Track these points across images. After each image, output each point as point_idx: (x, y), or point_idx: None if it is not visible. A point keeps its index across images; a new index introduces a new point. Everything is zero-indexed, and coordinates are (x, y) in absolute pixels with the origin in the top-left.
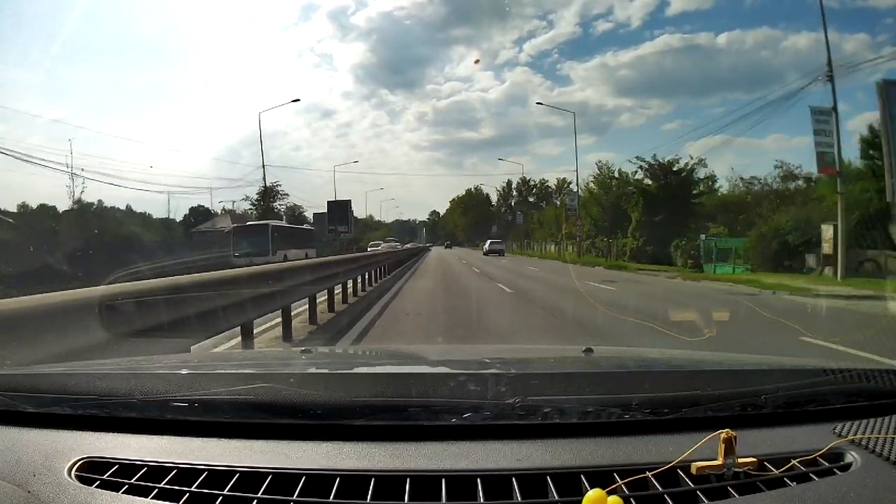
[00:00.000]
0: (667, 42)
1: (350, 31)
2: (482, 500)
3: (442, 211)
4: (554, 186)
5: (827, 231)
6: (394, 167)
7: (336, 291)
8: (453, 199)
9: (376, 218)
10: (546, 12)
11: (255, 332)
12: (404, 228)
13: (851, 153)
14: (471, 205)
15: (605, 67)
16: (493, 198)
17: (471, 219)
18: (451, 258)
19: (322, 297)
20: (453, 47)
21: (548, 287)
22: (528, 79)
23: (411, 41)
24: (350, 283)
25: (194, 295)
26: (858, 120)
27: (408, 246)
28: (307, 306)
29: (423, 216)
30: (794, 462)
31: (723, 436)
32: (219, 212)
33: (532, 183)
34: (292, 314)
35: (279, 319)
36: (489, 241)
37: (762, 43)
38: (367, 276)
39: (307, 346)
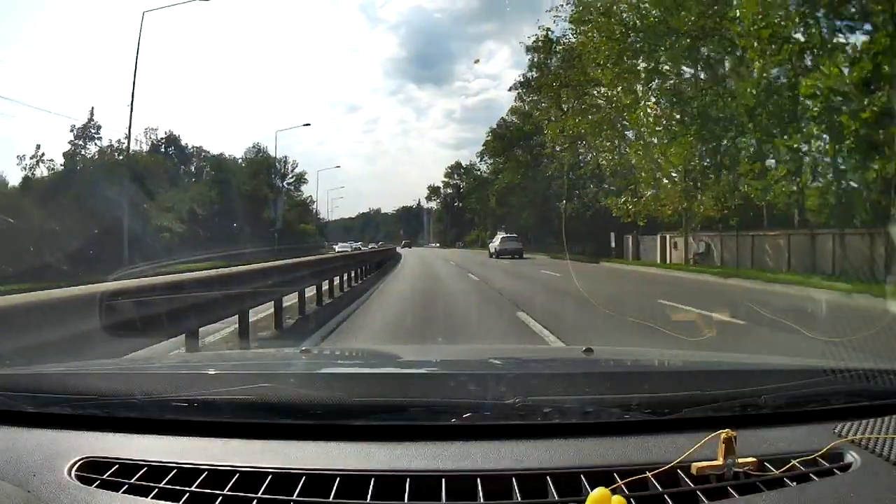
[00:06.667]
0: None
1: (379, 24)
2: (482, 500)
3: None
4: None
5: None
6: (420, 164)
7: None
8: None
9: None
10: None
11: None
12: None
13: None
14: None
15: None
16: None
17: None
18: None
19: None
20: (483, 43)
21: None
22: None
23: (440, 35)
24: None
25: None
26: None
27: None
28: None
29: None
30: (794, 462)
31: (723, 436)
32: None
33: None
34: None
35: None
36: (500, 237)
37: None
38: None
39: (306, 347)
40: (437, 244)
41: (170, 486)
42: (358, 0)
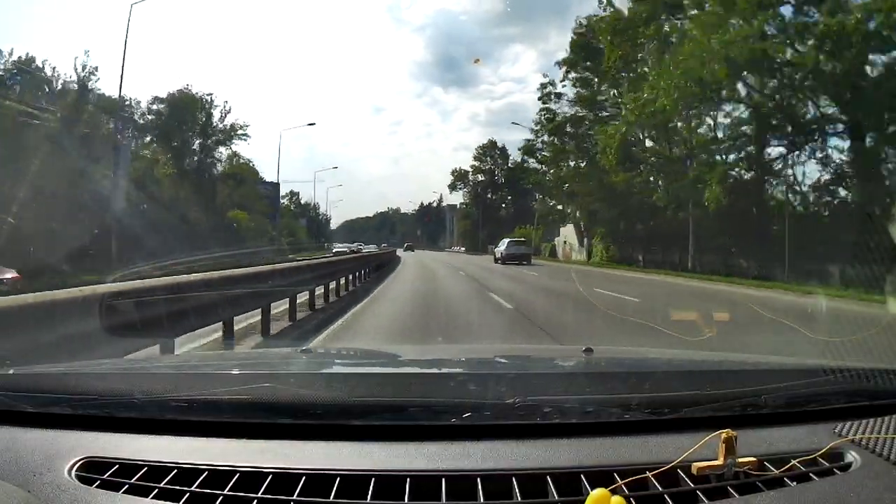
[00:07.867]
0: None
1: (404, 25)
2: (482, 500)
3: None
4: None
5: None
6: (444, 167)
7: None
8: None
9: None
10: None
11: None
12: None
13: None
14: None
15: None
16: None
17: None
18: None
19: None
20: (509, 46)
21: None
22: None
23: (466, 38)
24: None
25: None
26: None
27: None
28: None
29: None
30: (794, 462)
31: (723, 436)
32: None
33: None
34: None
35: None
36: (506, 241)
37: None
38: None
39: (307, 347)
40: (463, 248)
41: (170, 487)
42: (385, 1)
